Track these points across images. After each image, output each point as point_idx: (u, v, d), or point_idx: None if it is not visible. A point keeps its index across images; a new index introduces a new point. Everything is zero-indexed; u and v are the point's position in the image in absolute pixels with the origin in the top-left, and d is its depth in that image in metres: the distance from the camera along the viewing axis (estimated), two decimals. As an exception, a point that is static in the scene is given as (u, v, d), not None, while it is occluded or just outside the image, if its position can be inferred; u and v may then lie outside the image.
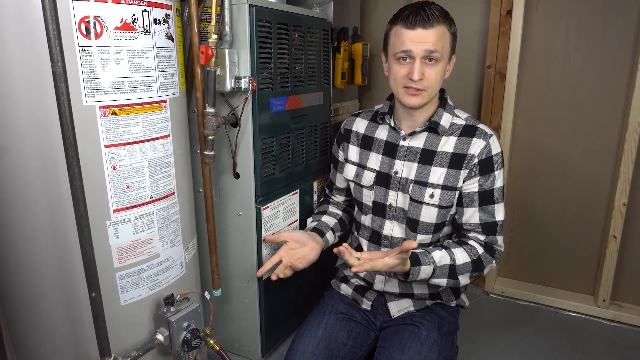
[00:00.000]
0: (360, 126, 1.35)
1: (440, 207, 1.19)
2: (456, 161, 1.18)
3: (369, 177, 1.28)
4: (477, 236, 1.20)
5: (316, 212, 1.50)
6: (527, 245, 2.02)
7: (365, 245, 1.33)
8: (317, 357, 1.17)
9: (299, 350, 1.20)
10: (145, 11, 0.97)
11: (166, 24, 1.03)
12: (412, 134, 1.22)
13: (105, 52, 0.91)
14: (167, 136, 1.08)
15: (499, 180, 1.18)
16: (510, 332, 1.79)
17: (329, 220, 1.43)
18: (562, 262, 1.98)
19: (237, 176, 1.38)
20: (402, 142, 1.24)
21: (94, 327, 0.93)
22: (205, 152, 1.25)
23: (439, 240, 1.27)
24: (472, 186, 1.18)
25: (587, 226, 1.89)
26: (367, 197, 1.29)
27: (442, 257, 1.15)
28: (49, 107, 0.87)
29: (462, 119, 1.22)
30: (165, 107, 1.06)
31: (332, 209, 1.47)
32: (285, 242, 1.31)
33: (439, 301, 1.30)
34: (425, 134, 1.22)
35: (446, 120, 1.21)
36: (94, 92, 0.91)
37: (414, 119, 1.22)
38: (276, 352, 1.61)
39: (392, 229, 1.26)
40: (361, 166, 1.31)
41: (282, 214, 1.49)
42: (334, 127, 1.79)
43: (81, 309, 1.00)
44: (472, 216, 1.20)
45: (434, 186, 1.19)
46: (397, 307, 1.29)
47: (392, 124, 1.26)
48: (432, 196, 1.19)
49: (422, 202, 1.20)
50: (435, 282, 1.16)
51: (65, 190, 0.90)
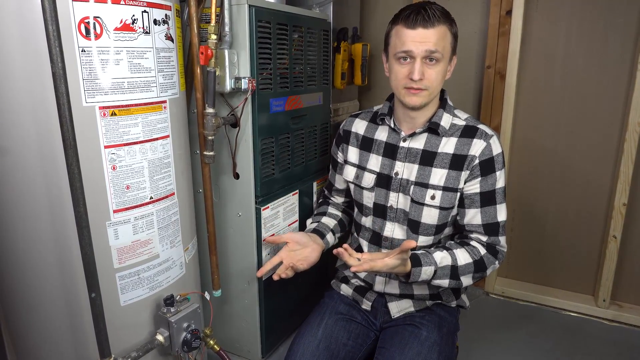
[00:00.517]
0: (359, 127, 1.34)
1: (441, 208, 1.19)
2: (457, 162, 1.18)
3: (369, 179, 1.28)
4: (479, 237, 1.20)
5: (315, 214, 1.50)
6: (527, 245, 2.02)
7: (365, 246, 1.33)
8: (317, 357, 1.17)
9: (299, 350, 1.20)
10: (144, 12, 0.97)
11: (166, 25, 1.03)
12: (412, 135, 1.22)
13: (105, 52, 0.92)
14: (167, 137, 1.08)
15: (501, 180, 1.18)
16: (510, 332, 1.79)
17: (328, 221, 1.43)
18: (562, 262, 1.98)
19: (237, 176, 1.38)
20: (402, 144, 1.24)
21: (94, 327, 0.94)
22: (205, 153, 1.25)
23: (440, 241, 1.27)
24: (474, 187, 1.18)
25: (587, 226, 1.89)
26: (368, 198, 1.29)
27: (443, 258, 1.15)
28: (49, 107, 0.87)
29: (462, 119, 1.22)
30: (165, 107, 1.06)
31: (331, 210, 1.47)
32: (285, 243, 1.31)
33: (439, 302, 1.30)
34: (425, 135, 1.22)
35: (446, 120, 1.20)
36: (94, 93, 0.91)
37: (414, 120, 1.22)
38: (276, 353, 1.61)
39: (393, 230, 1.26)
40: (361, 168, 1.31)
41: (282, 214, 1.49)
42: (334, 127, 1.79)
43: (81, 309, 1.00)
44: (474, 217, 1.19)
45: (435, 187, 1.19)
46: (397, 308, 1.29)
47: (392, 125, 1.26)
48: (433, 197, 1.19)
49: (423, 204, 1.20)
50: (436, 283, 1.16)
51: (65, 190, 0.90)
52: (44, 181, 0.93)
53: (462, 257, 1.17)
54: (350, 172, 1.34)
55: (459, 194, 1.19)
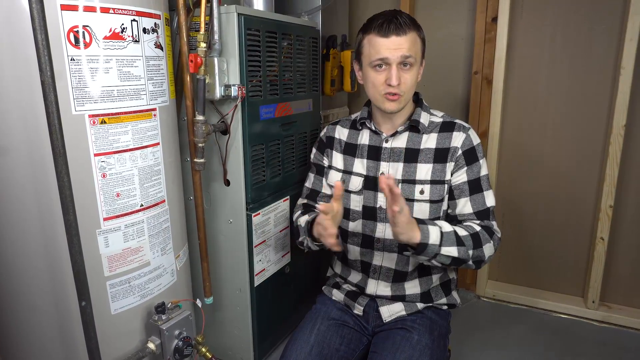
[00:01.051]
0: (341, 134, 1.36)
1: (431, 202, 1.21)
2: (440, 155, 1.22)
3: (357, 182, 1.29)
4: (474, 221, 1.22)
5: (303, 211, 1.37)
6: (517, 248, 2.04)
7: (357, 252, 1.33)
8: (309, 363, 1.17)
9: (291, 356, 1.19)
10: (134, 21, 0.98)
11: (155, 33, 1.04)
12: (394, 135, 1.26)
13: (94, 61, 0.92)
14: (157, 144, 1.08)
15: (484, 168, 1.23)
16: (501, 334, 1.80)
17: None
18: (551, 265, 2.00)
19: (227, 183, 1.38)
20: (385, 144, 1.26)
21: (85, 336, 0.93)
22: (195, 160, 1.26)
23: None
24: (461, 177, 1.21)
25: (575, 229, 1.92)
26: (356, 202, 1.30)
27: (444, 224, 1.14)
28: (38, 116, 0.88)
29: (438, 117, 1.28)
30: (154, 115, 1.06)
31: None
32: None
33: (431, 304, 1.30)
34: (406, 134, 1.25)
35: (425, 118, 1.26)
36: (83, 101, 0.92)
37: (393, 121, 1.26)
38: (269, 359, 1.61)
39: (385, 230, 1.26)
40: (347, 172, 1.32)
41: (273, 220, 1.49)
42: (324, 133, 1.80)
43: (71, 318, 1.00)
44: (465, 206, 1.22)
45: (422, 182, 1.21)
46: (389, 312, 1.30)
47: (372, 128, 1.29)
48: (422, 192, 1.21)
49: (413, 200, 1.21)
50: (446, 251, 1.10)
51: (55, 198, 0.89)
52: (33, 189, 0.93)
53: (460, 229, 1.16)
54: (335, 177, 1.34)
55: (446, 186, 1.22)
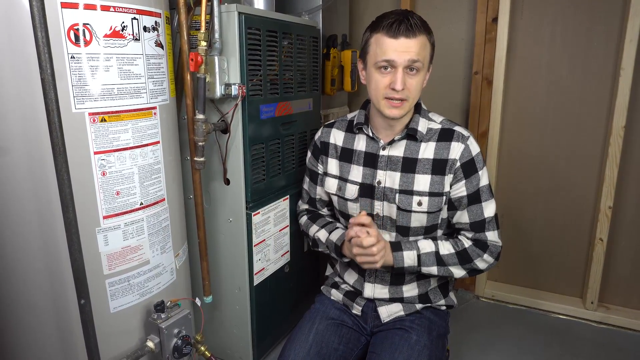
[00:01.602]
0: (337, 138, 1.34)
1: (429, 212, 1.21)
2: (439, 167, 1.19)
3: (352, 190, 1.28)
4: (466, 233, 1.24)
5: (326, 223, 1.39)
6: (516, 249, 2.04)
7: None
8: (308, 362, 1.17)
9: (290, 356, 1.19)
10: (134, 19, 0.98)
11: (156, 32, 1.04)
12: (391, 143, 1.23)
13: (94, 59, 0.92)
14: (157, 143, 1.08)
15: (484, 178, 1.20)
16: (500, 335, 1.81)
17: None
18: (550, 266, 2.00)
19: (227, 182, 1.38)
20: (382, 152, 1.24)
21: (83, 334, 0.93)
22: (195, 159, 1.26)
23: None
24: (460, 190, 1.20)
25: (574, 229, 1.92)
26: (353, 209, 1.29)
27: (426, 245, 1.19)
28: (38, 113, 0.88)
29: (437, 122, 1.23)
30: (155, 113, 1.06)
31: (328, 217, 1.43)
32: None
33: (429, 305, 1.31)
34: (404, 142, 1.23)
35: (423, 125, 1.22)
36: (83, 99, 0.92)
37: (392, 128, 1.22)
38: (268, 358, 1.61)
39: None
40: (343, 179, 1.31)
41: (273, 219, 1.49)
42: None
43: (70, 316, 1.00)
44: (462, 216, 1.23)
45: (420, 194, 1.20)
46: (387, 312, 1.30)
47: (370, 134, 1.26)
48: (420, 204, 1.20)
49: (410, 211, 1.21)
50: (426, 270, 1.19)
51: (54, 196, 0.89)
52: (33, 187, 0.93)
53: (445, 247, 1.20)
54: (332, 185, 1.33)
55: (445, 197, 1.21)
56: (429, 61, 1.16)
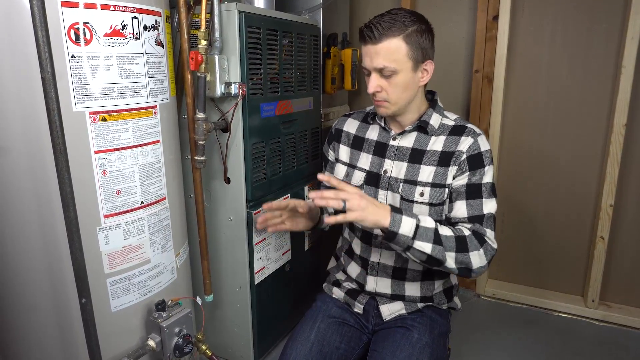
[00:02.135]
0: (351, 127, 1.36)
1: (430, 204, 1.19)
2: (445, 159, 1.19)
3: (358, 177, 1.29)
4: (466, 225, 1.17)
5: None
6: (517, 247, 2.04)
7: (357, 245, 1.33)
8: (309, 360, 1.17)
9: (291, 354, 1.19)
10: (134, 18, 0.98)
11: (156, 31, 1.04)
12: (402, 134, 1.24)
13: (95, 58, 0.92)
14: (158, 142, 1.08)
15: (488, 176, 1.18)
16: (501, 333, 1.81)
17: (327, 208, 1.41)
18: (551, 264, 2.00)
19: (228, 181, 1.38)
20: (392, 142, 1.25)
21: (85, 333, 0.93)
22: (196, 158, 1.26)
23: None
24: (461, 180, 1.18)
25: (575, 228, 1.92)
26: None
27: (427, 220, 1.10)
28: (38, 113, 0.87)
29: (451, 119, 1.24)
30: (155, 112, 1.06)
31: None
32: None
33: (431, 304, 1.31)
34: (415, 134, 1.24)
35: (436, 120, 1.22)
36: (84, 98, 0.92)
37: (400, 120, 1.24)
38: (269, 357, 1.61)
39: None
40: (351, 166, 1.32)
41: (274, 218, 1.49)
42: (325, 131, 1.80)
43: (71, 315, 1.00)
44: (460, 209, 1.18)
45: (423, 184, 1.20)
46: (389, 310, 1.30)
47: (382, 124, 1.28)
48: (422, 194, 1.20)
49: (412, 201, 1.20)
50: (419, 245, 1.06)
51: (55, 196, 0.89)
52: (33, 186, 0.93)
53: (445, 229, 1.12)
54: (341, 171, 1.35)
55: (447, 190, 1.19)
56: (412, 61, 1.12)
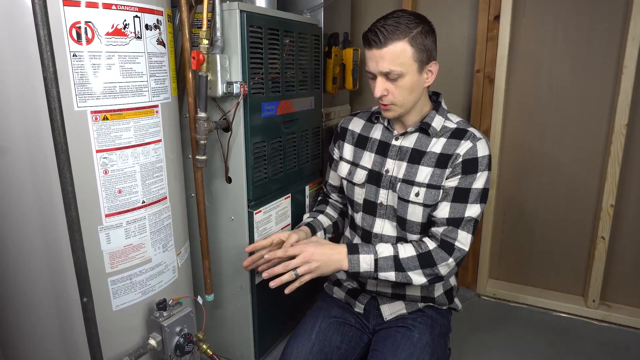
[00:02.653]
0: (356, 125, 1.36)
1: (425, 205, 1.19)
2: (442, 161, 1.19)
3: (360, 175, 1.29)
4: (438, 230, 1.17)
5: (314, 210, 1.50)
6: (517, 247, 2.04)
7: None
8: (310, 360, 1.18)
9: (292, 354, 1.20)
10: (136, 17, 0.97)
11: (157, 30, 1.04)
12: (404, 134, 1.24)
13: (96, 57, 0.92)
14: (159, 141, 1.08)
15: (480, 181, 1.16)
16: (502, 333, 1.81)
17: (324, 220, 1.44)
18: (552, 264, 2.00)
19: (229, 181, 1.38)
20: (394, 142, 1.26)
21: (86, 332, 0.93)
22: (197, 157, 1.26)
23: None
24: (452, 183, 1.17)
25: (576, 228, 1.92)
26: (359, 194, 1.30)
27: (384, 249, 1.16)
28: (40, 112, 0.87)
29: (453, 122, 1.23)
30: (157, 112, 1.06)
31: (329, 211, 1.47)
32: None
33: (432, 304, 1.31)
34: (416, 135, 1.24)
35: (438, 122, 1.22)
36: (86, 97, 0.92)
37: (403, 121, 1.24)
38: (270, 356, 1.61)
39: (383, 227, 1.26)
40: (354, 164, 1.33)
41: (275, 218, 1.49)
42: (326, 131, 1.80)
43: (73, 314, 1.00)
44: (442, 210, 1.18)
45: (419, 185, 1.20)
46: (390, 310, 1.30)
47: (385, 124, 1.28)
48: (417, 195, 1.20)
49: (408, 201, 1.21)
50: (383, 276, 1.14)
51: (56, 195, 0.89)
52: (34, 185, 0.93)
53: (406, 249, 1.16)
54: (344, 169, 1.35)
55: (441, 192, 1.19)
56: (418, 63, 1.12)
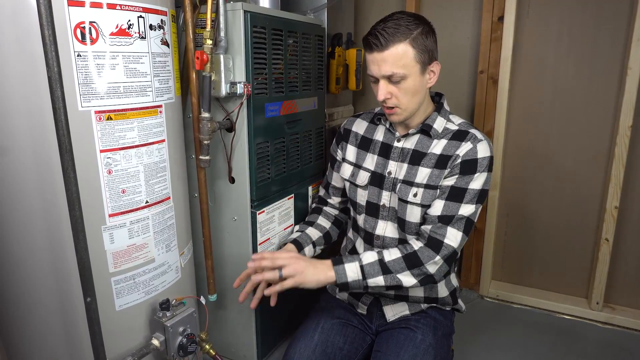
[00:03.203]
0: (359, 127, 1.36)
1: (422, 206, 1.18)
2: (442, 161, 1.18)
3: (363, 177, 1.29)
4: (427, 227, 1.16)
5: (304, 221, 1.48)
6: (521, 248, 2.03)
7: (360, 245, 1.33)
8: (313, 361, 1.17)
9: (295, 355, 1.19)
10: (140, 17, 0.98)
11: (161, 30, 1.04)
12: (406, 136, 1.24)
13: (100, 57, 0.92)
14: (163, 141, 1.08)
15: (477, 182, 1.15)
16: (504, 335, 1.80)
17: (313, 233, 1.41)
18: (555, 266, 1.99)
19: (232, 181, 1.38)
20: (396, 144, 1.25)
21: (89, 332, 0.93)
22: (200, 157, 1.26)
23: None
24: (448, 182, 1.16)
25: (580, 229, 1.91)
26: (361, 196, 1.30)
27: (369, 255, 1.14)
28: (44, 111, 0.88)
29: (455, 124, 1.22)
30: (160, 112, 1.06)
31: (320, 221, 1.45)
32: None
33: (435, 305, 1.30)
34: (417, 136, 1.23)
35: (439, 124, 1.21)
36: (90, 97, 0.92)
37: (406, 123, 1.23)
38: (272, 357, 1.61)
39: (385, 229, 1.26)
40: (357, 166, 1.32)
41: (277, 218, 1.49)
42: (329, 132, 1.80)
43: (76, 314, 1.00)
44: (435, 207, 1.16)
45: (418, 185, 1.19)
46: (393, 311, 1.30)
47: (387, 126, 1.28)
48: (415, 195, 1.19)
49: (407, 201, 1.20)
50: (372, 283, 1.12)
51: (60, 195, 0.90)
52: (38, 185, 0.93)
53: (392, 253, 1.14)
54: (347, 170, 1.35)
55: (438, 191, 1.18)
56: (420, 64, 1.12)
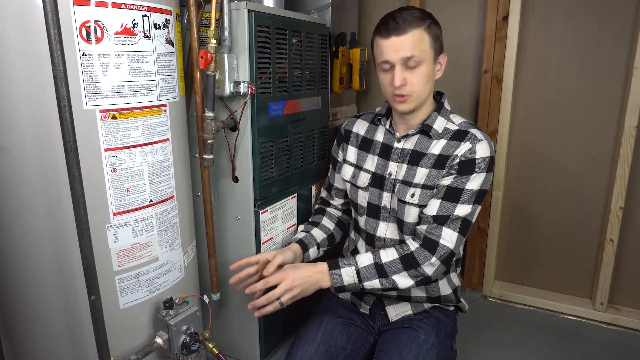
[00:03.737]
0: (360, 128, 1.36)
1: (420, 206, 1.18)
2: (440, 162, 1.17)
3: (364, 178, 1.29)
4: (422, 227, 1.16)
5: (308, 222, 1.47)
6: (524, 249, 2.03)
7: (362, 246, 1.33)
8: (316, 361, 1.17)
9: (298, 354, 1.20)
10: (145, 16, 0.98)
11: (166, 29, 1.04)
12: (406, 137, 1.23)
13: (105, 56, 0.92)
14: (167, 140, 1.08)
15: (475, 182, 1.14)
16: (508, 335, 1.79)
17: (318, 234, 1.41)
18: (559, 266, 1.98)
19: (236, 180, 1.38)
20: (396, 144, 1.25)
21: (93, 330, 0.93)
22: (204, 156, 1.26)
23: None
24: (445, 181, 1.16)
25: (584, 230, 1.90)
26: (362, 198, 1.30)
27: (365, 258, 1.16)
28: (49, 110, 0.88)
29: (456, 124, 1.21)
30: (164, 111, 1.06)
31: (325, 222, 1.45)
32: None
33: (437, 304, 1.30)
34: (417, 137, 1.23)
35: (439, 124, 1.20)
36: (94, 96, 0.92)
37: (407, 122, 1.23)
38: (275, 356, 1.61)
39: (387, 230, 1.26)
40: (358, 167, 1.32)
41: (281, 217, 1.49)
42: (332, 131, 1.79)
43: (80, 312, 1.01)
44: (431, 207, 1.16)
45: (416, 186, 1.19)
46: (396, 311, 1.30)
47: (387, 126, 1.28)
48: (412, 195, 1.19)
49: (405, 202, 1.20)
50: (368, 285, 1.14)
51: (65, 193, 0.90)
52: (43, 184, 0.93)
53: (388, 254, 1.15)
54: (347, 172, 1.35)
55: (435, 191, 1.17)
56: (433, 52, 1.14)
